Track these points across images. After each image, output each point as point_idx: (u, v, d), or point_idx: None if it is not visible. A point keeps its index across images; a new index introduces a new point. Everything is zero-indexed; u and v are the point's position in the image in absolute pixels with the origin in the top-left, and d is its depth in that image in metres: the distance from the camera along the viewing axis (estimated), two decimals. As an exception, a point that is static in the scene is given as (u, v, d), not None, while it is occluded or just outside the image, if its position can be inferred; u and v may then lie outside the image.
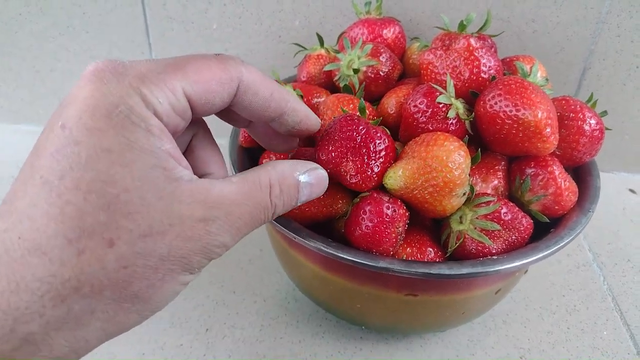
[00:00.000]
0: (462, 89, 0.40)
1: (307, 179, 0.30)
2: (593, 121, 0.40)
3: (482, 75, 0.39)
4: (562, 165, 0.39)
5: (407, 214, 0.35)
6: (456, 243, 0.36)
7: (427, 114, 0.37)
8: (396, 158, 0.37)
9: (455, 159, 0.34)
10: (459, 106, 0.38)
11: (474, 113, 0.39)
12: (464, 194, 0.35)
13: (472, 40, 0.40)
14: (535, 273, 0.52)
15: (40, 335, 0.22)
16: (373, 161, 0.35)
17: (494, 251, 0.35)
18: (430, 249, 0.37)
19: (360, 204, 0.35)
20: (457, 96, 0.40)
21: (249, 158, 0.45)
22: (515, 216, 0.36)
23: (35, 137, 0.25)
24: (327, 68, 0.46)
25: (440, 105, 0.37)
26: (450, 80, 0.39)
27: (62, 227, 0.22)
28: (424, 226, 0.39)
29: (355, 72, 0.45)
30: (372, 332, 0.46)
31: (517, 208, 0.36)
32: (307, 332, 0.46)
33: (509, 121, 0.36)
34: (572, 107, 0.40)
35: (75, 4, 0.62)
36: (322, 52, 0.49)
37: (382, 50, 0.45)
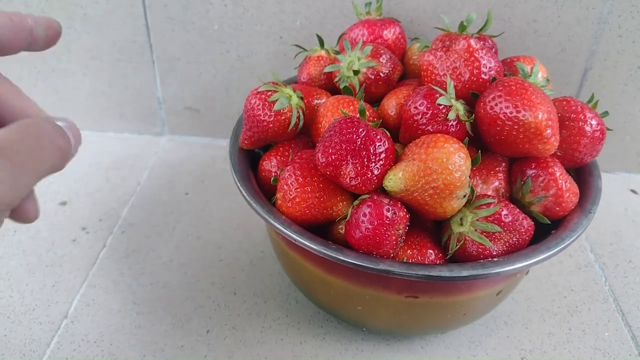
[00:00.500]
0: (463, 90, 0.40)
1: (63, 123, 0.27)
2: (594, 122, 0.40)
3: (483, 76, 0.39)
4: (563, 167, 0.39)
5: (407, 216, 0.35)
6: (457, 245, 0.36)
7: (427, 115, 0.37)
8: (396, 160, 0.37)
9: (456, 160, 0.34)
10: (459, 107, 0.38)
11: (474, 114, 0.39)
12: (464, 196, 0.35)
13: (472, 42, 0.39)
14: (537, 274, 0.52)
15: None
16: (373, 163, 0.35)
17: (494, 253, 0.35)
18: (430, 251, 0.37)
19: (360, 206, 0.35)
20: (457, 97, 0.39)
21: (250, 160, 0.45)
22: (515, 218, 0.36)
23: None
24: (327, 69, 0.46)
25: (441, 107, 0.37)
26: (451, 81, 0.39)
27: None
28: (425, 228, 0.39)
29: (355, 73, 0.45)
30: (373, 334, 0.46)
31: (517, 210, 0.36)
32: (308, 334, 0.46)
33: (510, 122, 0.36)
34: (573, 108, 0.40)
35: (76, 4, 0.62)
36: (323, 53, 0.49)
37: (382, 52, 0.45)
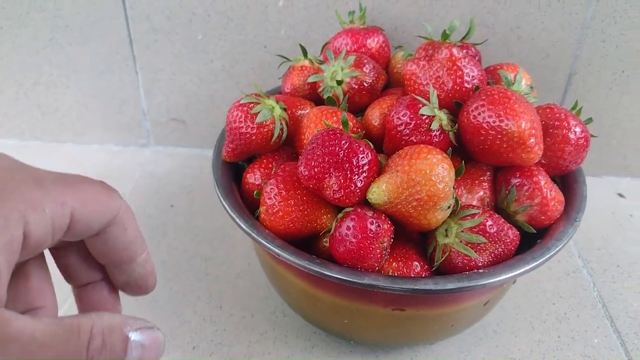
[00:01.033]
0: (446, 99, 0.39)
1: (140, 337, 0.25)
2: (578, 129, 0.40)
3: (466, 85, 0.39)
4: (547, 175, 0.39)
5: (391, 228, 0.35)
6: (442, 256, 0.36)
7: (411, 126, 0.37)
8: (380, 171, 0.36)
9: (439, 172, 0.33)
10: (443, 117, 0.38)
11: (458, 124, 0.38)
12: (448, 207, 0.35)
13: (454, 50, 0.39)
14: (526, 281, 0.52)
15: None
16: (356, 176, 0.34)
17: (480, 264, 0.35)
18: (416, 263, 0.36)
19: (344, 219, 0.35)
20: (441, 106, 0.39)
21: (233, 172, 0.44)
22: (500, 228, 0.35)
23: (19, 151, 0.24)
24: (311, 80, 0.46)
25: (424, 117, 0.37)
26: (434, 91, 0.38)
27: None
28: (411, 239, 0.39)
29: (338, 83, 0.44)
30: (361, 346, 0.45)
31: (502, 220, 0.36)
32: (295, 347, 0.46)
33: (493, 132, 0.36)
34: (557, 116, 0.40)
35: (57, 16, 0.62)
36: (306, 63, 0.49)
37: (365, 61, 0.45)
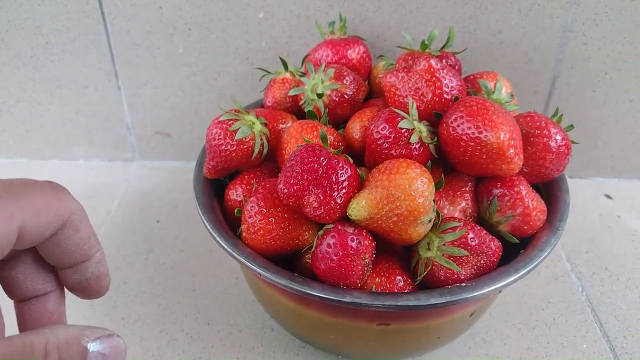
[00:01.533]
0: (426, 110, 0.39)
1: (99, 347, 0.24)
2: (559, 137, 0.40)
3: (445, 96, 0.39)
4: (529, 184, 0.39)
5: (373, 244, 0.35)
6: (425, 270, 0.36)
7: (390, 139, 0.37)
8: (360, 186, 0.36)
9: (418, 186, 0.33)
10: (422, 130, 0.38)
11: (437, 135, 0.38)
12: (429, 221, 0.35)
13: (432, 62, 0.39)
14: (514, 287, 0.51)
15: None
16: (336, 192, 0.34)
17: (463, 277, 0.35)
18: (399, 278, 0.36)
19: (325, 236, 0.34)
20: (421, 118, 0.39)
21: (215, 189, 0.44)
22: (482, 240, 0.35)
23: (5, 167, 0.24)
24: (292, 93, 0.46)
25: (403, 130, 0.37)
26: (413, 103, 0.38)
27: None
28: (395, 253, 0.39)
29: (319, 96, 0.44)
30: None
31: (484, 232, 0.36)
32: (284, 363, 0.45)
33: (472, 143, 0.36)
34: (537, 124, 0.40)
35: (37, 33, 0.61)
36: (287, 75, 0.49)
37: (345, 73, 0.45)
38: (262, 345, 0.47)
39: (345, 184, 0.35)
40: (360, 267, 0.34)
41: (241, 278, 0.53)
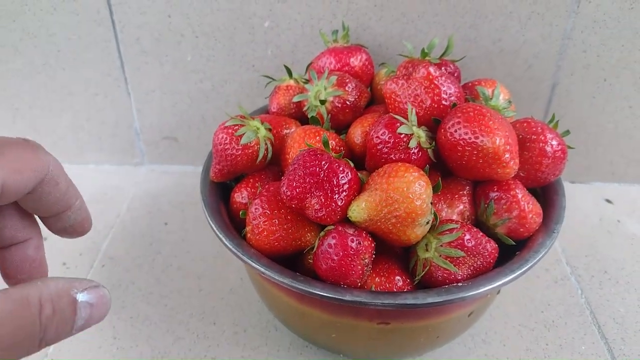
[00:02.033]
0: (425, 116, 0.41)
1: (87, 297, 0.25)
2: (555, 142, 0.41)
3: (444, 102, 0.40)
4: (525, 188, 0.40)
5: (372, 245, 0.36)
6: (423, 270, 0.37)
7: (389, 144, 0.38)
8: (361, 189, 0.37)
9: (416, 189, 0.34)
10: (421, 135, 0.39)
11: (436, 140, 0.40)
12: (427, 223, 0.36)
13: (431, 69, 0.40)
14: (514, 289, 0.53)
15: None
16: (337, 195, 0.36)
17: (459, 277, 0.36)
18: (398, 278, 0.37)
19: (326, 237, 0.36)
20: (420, 124, 0.40)
21: (221, 192, 0.45)
22: (479, 242, 0.36)
23: None
24: (296, 99, 0.47)
25: (402, 136, 0.38)
26: (412, 109, 0.39)
27: None
28: (394, 254, 0.40)
29: (322, 102, 0.45)
30: (351, 359, 0.46)
31: (481, 233, 0.37)
32: (287, 362, 0.46)
33: (469, 148, 0.37)
34: (534, 129, 0.41)
35: (50, 42, 0.63)
36: (291, 82, 0.50)
37: (347, 80, 0.46)
38: (267, 344, 0.48)
39: (346, 186, 0.36)
40: (360, 266, 0.35)
41: (246, 279, 0.54)
